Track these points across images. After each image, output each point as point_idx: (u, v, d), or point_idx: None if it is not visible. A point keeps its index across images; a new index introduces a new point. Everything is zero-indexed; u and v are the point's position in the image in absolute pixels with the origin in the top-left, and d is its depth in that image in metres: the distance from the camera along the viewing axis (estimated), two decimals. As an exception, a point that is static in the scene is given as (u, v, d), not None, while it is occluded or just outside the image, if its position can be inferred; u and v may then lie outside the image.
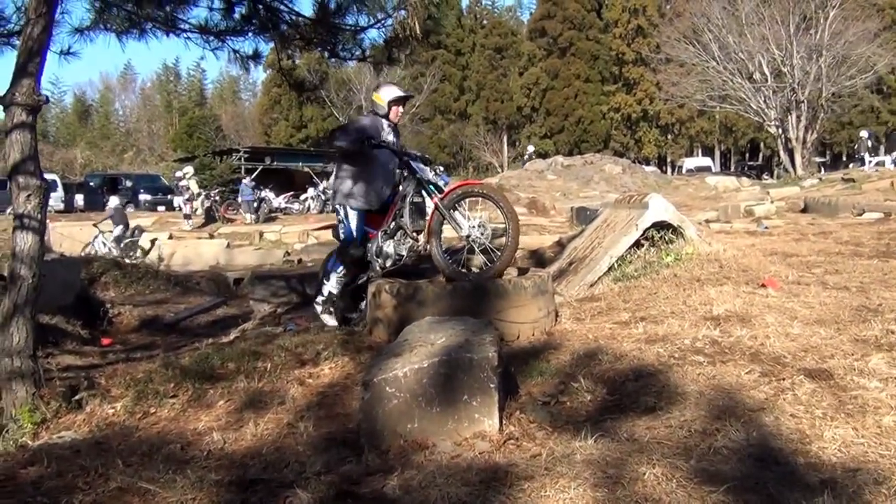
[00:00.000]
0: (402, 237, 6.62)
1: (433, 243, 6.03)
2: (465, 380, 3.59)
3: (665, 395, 3.86)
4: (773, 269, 7.26)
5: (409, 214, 6.52)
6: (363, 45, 6.96)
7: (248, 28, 7.00)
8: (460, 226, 6.15)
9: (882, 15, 57.01)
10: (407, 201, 6.51)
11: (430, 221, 6.22)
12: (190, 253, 22.46)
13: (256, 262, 21.17)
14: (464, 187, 6.38)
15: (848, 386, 3.90)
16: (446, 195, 6.21)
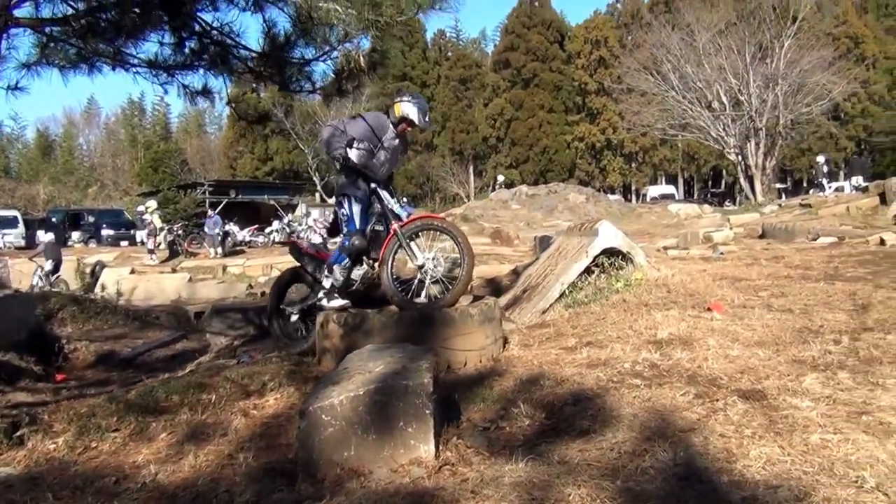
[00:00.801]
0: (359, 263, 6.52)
1: (384, 270, 6.03)
2: (400, 406, 3.61)
3: (600, 418, 3.91)
4: (720, 294, 7.37)
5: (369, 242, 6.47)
6: (313, 78, 6.98)
7: (198, 63, 7.02)
8: (415, 255, 6.15)
9: (836, 44, 58.40)
10: (368, 228, 6.45)
11: (384, 248, 6.18)
12: (152, 287, 22.28)
13: (219, 295, 21.04)
14: (424, 219, 6.40)
15: (780, 406, 3.97)
16: (406, 224, 6.21)
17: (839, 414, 3.84)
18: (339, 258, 6.39)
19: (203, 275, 25.33)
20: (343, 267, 6.32)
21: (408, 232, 6.15)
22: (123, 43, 6.79)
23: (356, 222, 6.33)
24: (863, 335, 5.63)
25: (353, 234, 6.26)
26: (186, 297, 21.16)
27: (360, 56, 5.84)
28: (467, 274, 5.97)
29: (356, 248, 6.26)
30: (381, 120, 6.48)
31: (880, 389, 4.24)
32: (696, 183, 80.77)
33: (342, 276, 6.33)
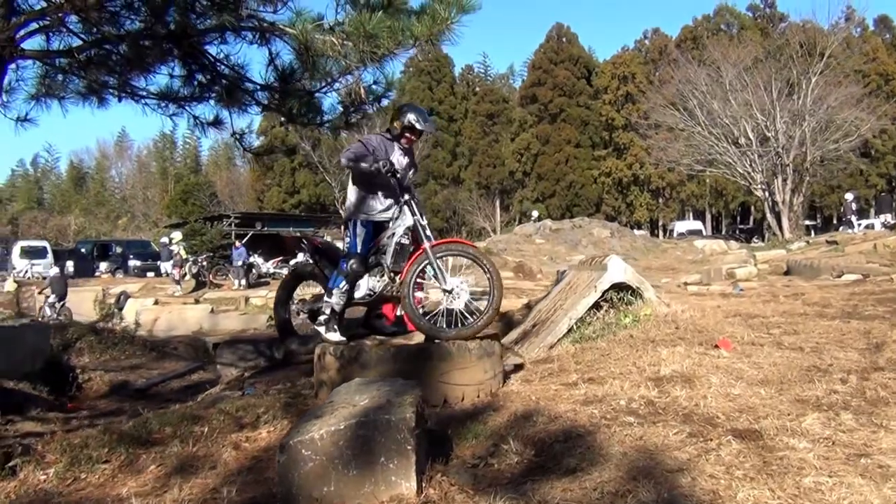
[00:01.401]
0: (379, 273, 6.30)
1: (408, 289, 5.90)
2: (382, 441, 3.54)
3: (588, 456, 3.81)
4: (729, 331, 7.24)
5: (393, 254, 6.24)
6: (321, 111, 7.00)
7: (208, 95, 7.07)
8: (444, 278, 6.00)
9: (866, 81, 58.06)
10: (394, 240, 6.25)
11: (408, 265, 6.03)
12: (174, 318, 22.43)
13: (240, 327, 21.11)
14: (456, 244, 6.33)
15: (776, 446, 3.86)
16: (438, 245, 6.10)
17: (837, 456, 3.72)
18: (336, 281, 6.24)
19: (226, 306, 25.43)
20: (342, 291, 6.17)
21: (438, 253, 6.03)
22: (131, 75, 6.85)
23: (357, 245, 6.24)
24: (873, 375, 5.49)
25: (351, 258, 6.16)
26: (208, 328, 21.25)
27: (361, 88, 5.83)
28: (495, 305, 5.87)
29: (354, 272, 6.14)
30: (383, 141, 6.36)
31: (883, 431, 4.11)
32: (724, 219, 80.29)
33: (342, 300, 6.18)
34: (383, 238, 6.32)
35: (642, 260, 32.32)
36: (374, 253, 6.34)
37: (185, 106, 7.12)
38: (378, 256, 6.32)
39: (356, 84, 5.82)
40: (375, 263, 6.31)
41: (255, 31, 6.06)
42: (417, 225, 6.13)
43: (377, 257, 6.32)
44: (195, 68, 6.97)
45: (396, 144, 6.41)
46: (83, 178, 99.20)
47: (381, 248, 6.31)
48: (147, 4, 5.74)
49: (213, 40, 6.58)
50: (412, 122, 6.30)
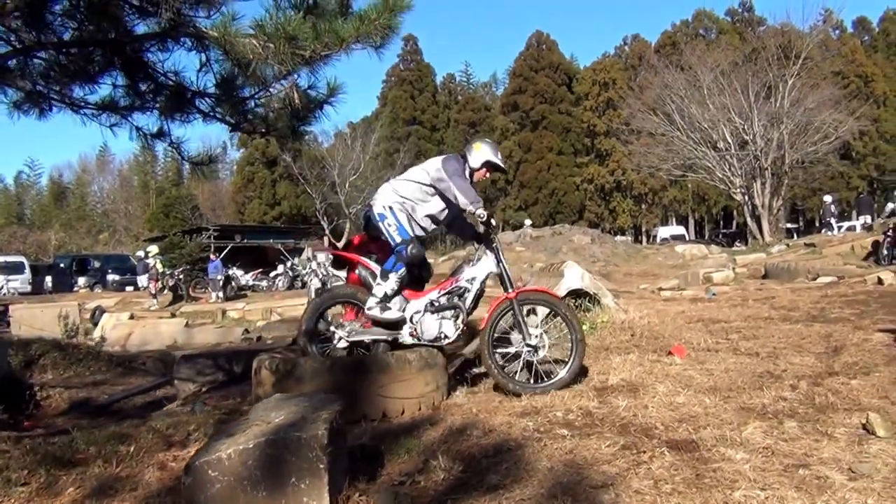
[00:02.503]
0: (454, 317, 5.91)
1: (488, 339, 5.63)
2: (293, 461, 3.36)
3: (513, 471, 3.64)
4: (687, 336, 7.12)
5: (473, 299, 5.98)
6: (266, 119, 6.78)
7: (150, 105, 6.87)
8: (529, 332, 5.73)
9: (846, 82, 58.35)
10: (476, 284, 5.97)
11: (490, 314, 5.77)
12: (148, 333, 22.12)
13: (215, 340, 20.85)
14: (542, 294, 6.16)
15: (711, 458, 3.70)
16: (521, 293, 5.89)
17: (774, 467, 3.57)
18: (396, 266, 5.87)
19: (202, 319, 25.20)
20: (399, 276, 5.85)
21: (521, 303, 5.82)
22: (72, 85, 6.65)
23: (407, 230, 5.93)
24: (826, 380, 5.36)
25: (409, 242, 5.85)
26: (182, 342, 20.96)
27: (296, 93, 5.65)
28: (579, 360, 5.63)
29: (414, 255, 5.84)
30: (462, 165, 6.11)
31: (826, 440, 3.97)
32: (707, 224, 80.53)
33: (397, 285, 5.87)
34: (461, 279, 6.02)
35: (623, 266, 32.21)
36: (448, 294, 6.00)
37: (127, 116, 6.90)
38: (451, 298, 5.98)
39: (290, 89, 5.63)
40: (452, 306, 5.96)
41: (192, 38, 5.87)
42: (504, 273, 5.89)
43: (451, 298, 5.98)
44: (140, 77, 6.77)
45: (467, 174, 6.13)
46: (64, 192, 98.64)
47: (456, 289, 6.00)
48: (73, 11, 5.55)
49: (152, 47, 6.39)
50: (494, 161, 6.17)
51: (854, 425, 4.20)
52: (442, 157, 6.19)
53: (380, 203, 6.05)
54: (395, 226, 5.93)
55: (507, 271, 5.93)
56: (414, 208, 6.11)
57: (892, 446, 3.81)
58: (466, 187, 5.84)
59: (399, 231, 5.91)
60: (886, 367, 5.76)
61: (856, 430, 4.12)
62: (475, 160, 6.13)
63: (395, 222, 5.93)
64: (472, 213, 5.81)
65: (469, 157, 6.16)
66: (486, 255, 5.99)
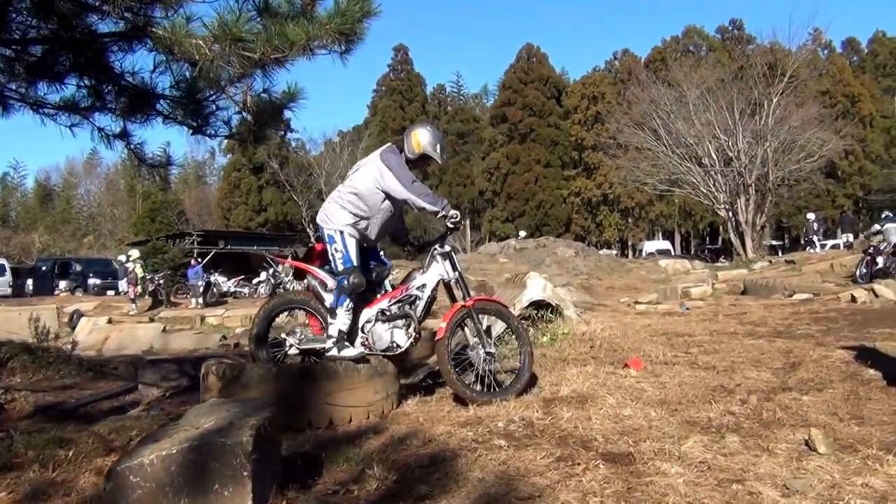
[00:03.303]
0: (406, 325, 5.78)
1: (444, 345, 5.49)
2: (216, 467, 3.29)
3: (444, 482, 3.59)
4: (647, 349, 7.09)
5: (424, 307, 5.86)
6: (229, 123, 6.73)
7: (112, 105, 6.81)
8: (487, 340, 5.68)
9: (833, 101, 58.71)
10: (427, 290, 5.85)
11: (448, 323, 5.58)
12: (125, 337, 21.98)
13: (192, 346, 20.69)
14: (494, 303, 6.08)
15: (646, 472, 3.66)
16: (477, 301, 5.80)
17: (708, 482, 3.53)
18: (340, 300, 5.67)
19: (181, 325, 25.07)
20: (347, 310, 5.66)
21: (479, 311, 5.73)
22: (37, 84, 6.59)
23: (352, 259, 5.75)
24: (778, 395, 5.34)
25: (350, 272, 5.66)
26: (159, 347, 20.80)
27: (249, 97, 5.60)
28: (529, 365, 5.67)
29: (355, 286, 5.62)
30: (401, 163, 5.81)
31: (766, 455, 3.93)
32: (693, 239, 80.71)
33: (348, 319, 5.68)
34: (411, 287, 5.88)
35: (606, 279, 32.24)
36: (398, 302, 5.87)
37: (88, 117, 6.84)
38: (402, 306, 5.84)
39: (244, 93, 5.59)
40: (403, 315, 5.82)
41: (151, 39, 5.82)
42: (460, 280, 5.81)
43: (401, 307, 5.84)
44: (102, 78, 6.72)
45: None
46: (49, 195, 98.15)
47: (406, 297, 5.87)
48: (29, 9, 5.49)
49: (113, 47, 6.33)
50: (430, 153, 5.91)
51: (797, 441, 4.18)
52: (380, 157, 5.78)
53: (332, 225, 5.83)
54: (341, 253, 5.76)
55: (462, 279, 5.83)
56: (368, 225, 5.91)
57: (832, 463, 3.78)
58: (426, 191, 5.69)
59: (343, 260, 5.75)
60: (841, 384, 5.74)
61: (797, 447, 4.09)
62: (413, 152, 5.86)
63: (343, 249, 5.75)
64: (444, 217, 5.60)
65: (406, 147, 5.88)
66: (437, 261, 5.84)
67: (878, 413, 4.84)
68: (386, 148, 5.91)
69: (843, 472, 3.65)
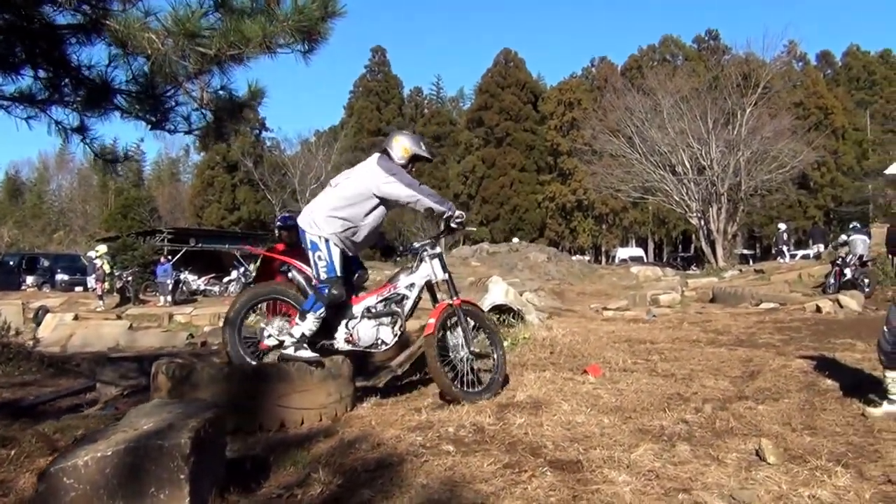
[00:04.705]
0: (392, 323, 5.83)
1: (432, 342, 5.52)
2: (153, 470, 3.22)
3: (387, 487, 3.54)
4: (607, 356, 7.07)
5: (412, 306, 5.90)
6: (188, 119, 6.63)
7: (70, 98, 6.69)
8: (469, 341, 5.72)
9: (806, 113, 59.26)
10: (416, 290, 5.88)
11: (436, 321, 5.62)
12: (90, 334, 21.72)
13: (159, 344, 20.47)
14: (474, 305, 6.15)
15: (593, 479, 3.62)
16: (464, 302, 5.88)
17: (655, 491, 3.50)
18: (315, 307, 5.59)
19: (148, 323, 24.79)
20: (317, 317, 5.58)
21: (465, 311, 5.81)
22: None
23: (336, 269, 5.68)
24: (733, 404, 5.33)
25: (333, 282, 5.62)
26: (125, 344, 20.57)
27: (205, 93, 5.52)
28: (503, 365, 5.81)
29: (335, 297, 5.59)
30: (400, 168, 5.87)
31: (715, 464, 3.91)
32: (666, 246, 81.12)
33: (315, 325, 5.59)
34: (399, 286, 5.90)
35: (578, 285, 32.27)
36: (385, 300, 5.88)
37: (45, 109, 6.72)
38: (389, 304, 5.86)
39: (201, 89, 5.50)
40: (389, 312, 5.84)
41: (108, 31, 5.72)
42: (450, 280, 5.87)
43: (388, 304, 5.86)
44: (59, 70, 6.60)
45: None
46: (20, 189, 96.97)
47: (394, 295, 5.88)
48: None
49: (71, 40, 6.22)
50: (419, 154, 5.99)
51: (748, 451, 4.16)
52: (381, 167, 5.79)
53: (318, 231, 5.74)
54: (325, 262, 5.70)
55: (451, 279, 5.91)
56: (356, 232, 5.84)
57: (781, 474, 3.76)
58: (432, 192, 5.79)
59: (328, 269, 5.69)
60: (798, 394, 5.75)
61: (748, 456, 4.07)
62: (400, 157, 5.91)
63: (327, 258, 5.70)
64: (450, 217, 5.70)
65: (393, 153, 5.94)
66: (426, 262, 5.90)
67: (831, 424, 4.84)
68: (380, 157, 5.91)
69: (790, 482, 3.63)
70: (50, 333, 22.29)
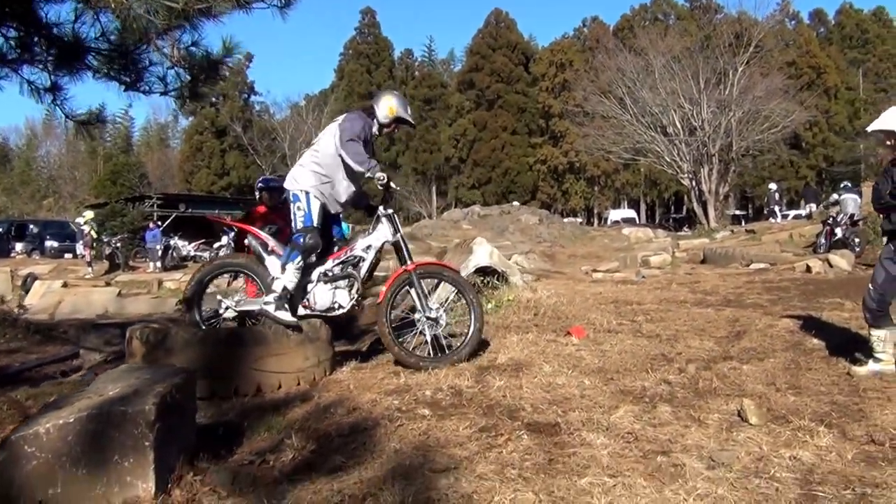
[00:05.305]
0: (349, 286, 5.75)
1: (384, 309, 5.50)
2: (117, 437, 3.13)
3: (359, 452, 3.47)
4: (592, 317, 6.99)
5: (368, 268, 5.83)
6: (164, 79, 6.46)
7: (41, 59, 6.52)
8: (428, 305, 5.68)
9: (800, 73, 58.91)
10: (372, 252, 5.83)
11: (388, 286, 5.63)
12: (79, 301, 21.59)
13: (147, 310, 20.35)
14: (437, 266, 6.10)
15: (570, 442, 3.55)
16: (419, 266, 5.79)
17: (633, 453, 3.43)
18: (291, 256, 5.59)
19: (138, 289, 24.65)
20: (297, 267, 5.59)
21: (421, 275, 5.71)
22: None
23: (313, 219, 5.70)
24: (718, 364, 5.27)
25: (308, 231, 5.62)
26: (114, 311, 20.46)
27: (177, 49, 5.36)
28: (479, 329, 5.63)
29: (310, 245, 5.61)
30: (367, 124, 5.89)
31: (696, 426, 3.85)
32: (658, 208, 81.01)
33: (295, 277, 5.61)
34: (356, 248, 5.86)
35: (569, 247, 32.20)
36: (341, 263, 5.82)
37: (17, 70, 6.55)
38: (346, 267, 5.80)
39: (172, 46, 5.35)
40: (345, 275, 5.77)
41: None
42: (401, 244, 5.77)
43: (344, 268, 5.80)
44: (31, 28, 6.42)
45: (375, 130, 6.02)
46: (7, 156, 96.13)
47: (350, 258, 5.83)
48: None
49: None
50: (403, 116, 6.01)
51: (730, 412, 4.10)
52: (339, 120, 5.94)
53: (299, 185, 5.80)
54: (303, 212, 5.72)
55: (404, 241, 5.81)
56: (334, 185, 5.86)
57: (763, 434, 3.70)
58: (357, 152, 5.64)
59: (304, 218, 5.71)
60: (783, 353, 5.69)
61: (729, 417, 4.01)
62: (385, 116, 5.94)
63: (306, 209, 5.72)
64: (370, 178, 5.64)
65: (378, 111, 5.95)
66: (383, 223, 5.84)
67: (815, 383, 4.78)
68: (348, 113, 6.00)
69: (772, 443, 3.57)
70: (38, 300, 22.15)
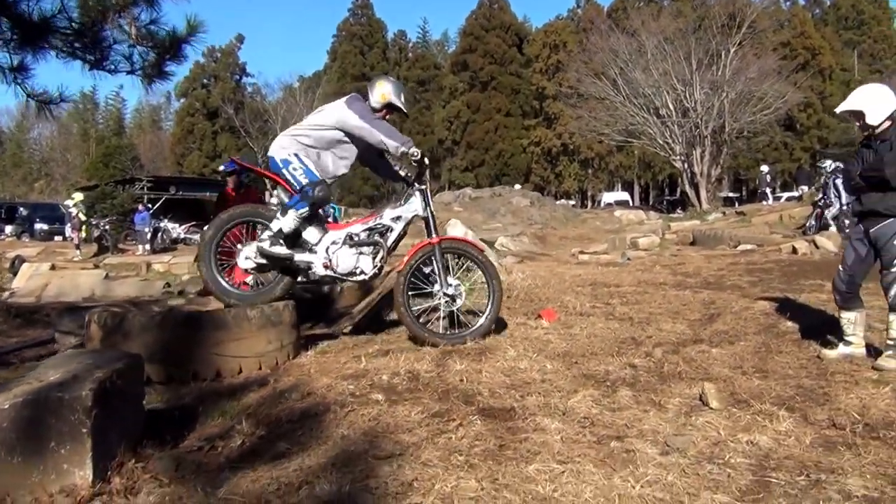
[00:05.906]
0: (374, 254, 5.71)
1: (402, 279, 5.51)
2: (53, 423, 3.05)
3: (304, 438, 3.40)
4: (566, 300, 6.93)
5: (396, 239, 5.83)
6: (130, 58, 6.35)
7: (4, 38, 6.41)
8: (447, 280, 5.64)
9: (794, 54, 58.68)
10: (401, 223, 5.82)
11: (409, 257, 5.63)
12: (66, 284, 21.44)
13: (135, 293, 20.22)
14: (463, 243, 6.04)
15: (524, 428, 3.48)
16: (444, 240, 5.77)
17: (586, 439, 3.37)
18: (298, 205, 5.55)
19: (126, 272, 24.55)
20: (299, 216, 5.56)
21: (444, 250, 5.70)
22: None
23: (316, 174, 5.65)
24: (687, 348, 5.21)
25: (316, 184, 5.57)
26: (101, 294, 20.32)
27: (134, 27, 5.26)
28: (496, 309, 5.65)
29: (321, 197, 5.60)
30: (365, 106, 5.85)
31: (655, 410, 3.78)
32: (652, 190, 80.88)
33: (294, 224, 5.58)
34: (385, 217, 5.84)
35: (560, 229, 32.14)
36: (369, 230, 5.80)
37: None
38: (373, 234, 5.78)
39: (130, 23, 5.24)
40: (370, 242, 5.73)
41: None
42: (430, 219, 5.76)
43: (371, 234, 5.77)
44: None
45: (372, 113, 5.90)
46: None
47: (378, 226, 5.81)
48: None
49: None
50: (395, 103, 5.93)
51: (692, 396, 4.04)
52: (345, 100, 5.86)
53: (283, 152, 5.74)
54: (301, 169, 5.66)
55: (433, 216, 5.81)
56: (319, 155, 5.82)
57: (722, 418, 3.64)
58: (389, 129, 5.67)
59: (306, 173, 5.65)
60: (755, 336, 5.63)
61: (690, 401, 3.95)
62: (377, 101, 5.90)
63: (302, 166, 5.66)
64: (405, 154, 5.57)
65: (371, 96, 5.92)
66: (415, 197, 5.84)
67: (783, 367, 4.72)
68: (351, 96, 5.95)
69: (730, 428, 3.51)
70: (25, 283, 22.01)
